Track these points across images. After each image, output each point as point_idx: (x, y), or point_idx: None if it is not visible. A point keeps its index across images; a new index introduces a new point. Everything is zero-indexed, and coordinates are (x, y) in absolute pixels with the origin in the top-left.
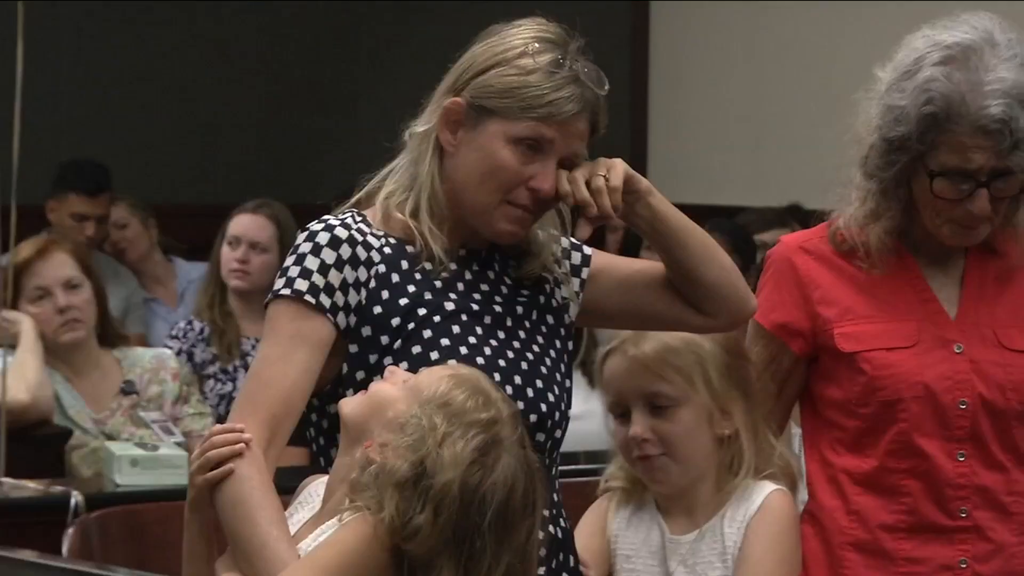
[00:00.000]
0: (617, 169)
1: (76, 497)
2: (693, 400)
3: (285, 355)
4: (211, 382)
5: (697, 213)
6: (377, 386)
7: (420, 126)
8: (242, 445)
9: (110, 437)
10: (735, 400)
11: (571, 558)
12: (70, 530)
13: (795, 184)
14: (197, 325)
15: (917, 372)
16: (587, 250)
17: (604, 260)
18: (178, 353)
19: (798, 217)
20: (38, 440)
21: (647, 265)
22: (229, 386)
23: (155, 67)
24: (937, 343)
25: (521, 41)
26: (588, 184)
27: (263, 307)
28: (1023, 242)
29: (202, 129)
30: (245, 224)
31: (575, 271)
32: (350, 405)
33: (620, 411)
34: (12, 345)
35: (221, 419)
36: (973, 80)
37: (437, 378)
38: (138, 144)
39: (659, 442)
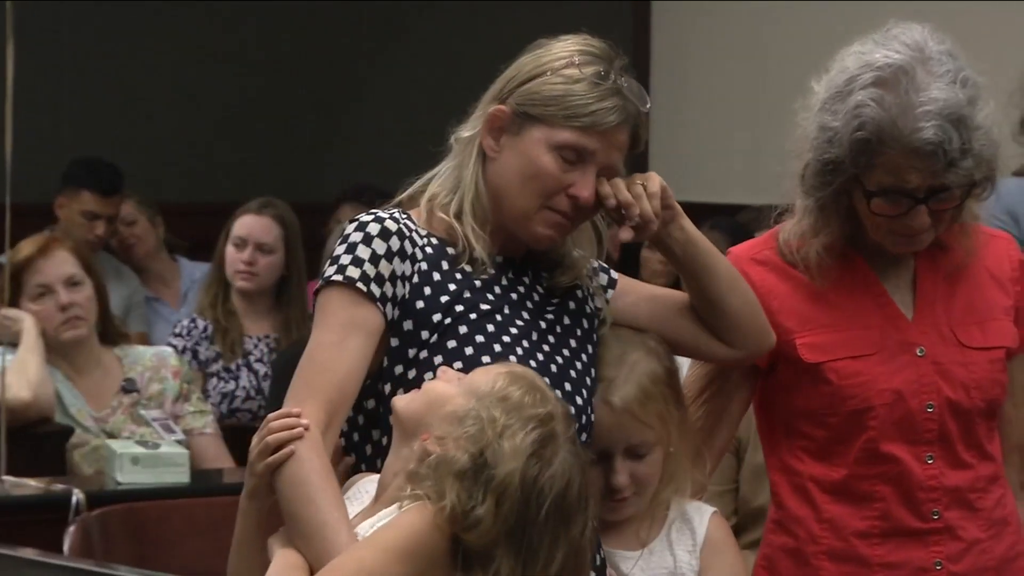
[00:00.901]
0: (653, 179)
1: (77, 495)
2: (663, 438)
3: (340, 341)
4: (214, 380)
5: (698, 211)
6: (432, 384)
7: (465, 131)
8: (301, 429)
9: (111, 435)
10: (680, 420)
11: (596, 556)
12: (71, 528)
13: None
14: (200, 323)
15: (885, 379)
16: (613, 274)
17: (629, 284)
18: (182, 351)
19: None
20: (39, 438)
21: (671, 291)
22: (232, 384)
23: (157, 65)
24: (900, 348)
25: (567, 53)
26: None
27: (266, 306)
28: (970, 237)
29: (204, 128)
30: (251, 225)
31: (603, 290)
32: (404, 401)
33: (596, 456)
34: (13, 343)
35: (223, 417)
36: (904, 103)
37: (494, 375)
38: (139, 142)
39: (633, 483)
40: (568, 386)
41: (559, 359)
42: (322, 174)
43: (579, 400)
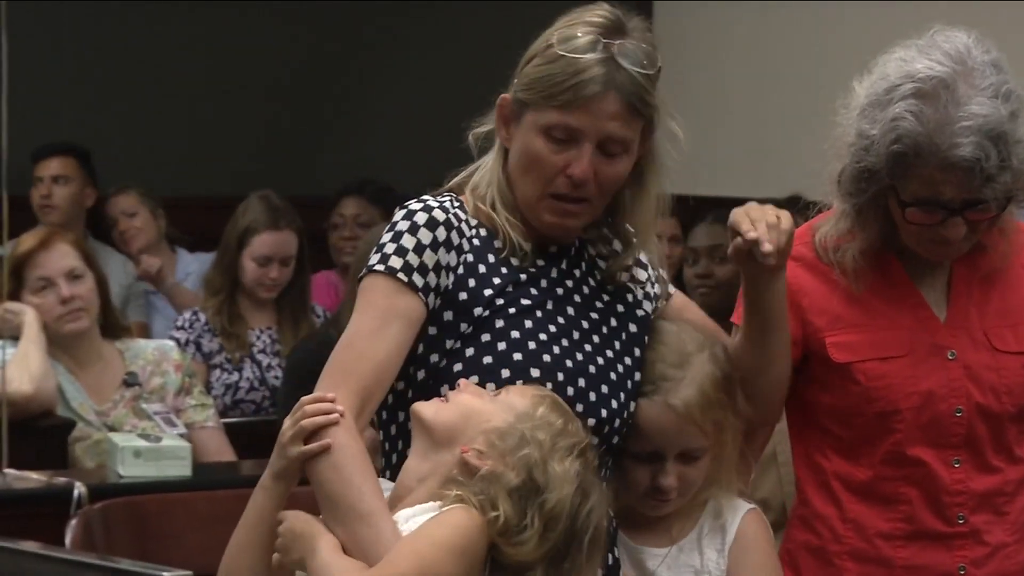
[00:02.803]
0: (787, 217)
1: (79, 488)
2: (715, 444)
3: (379, 329)
4: (217, 372)
5: (701, 204)
6: (463, 397)
7: (483, 128)
8: (337, 415)
9: (113, 429)
10: (735, 427)
11: (609, 556)
12: (73, 521)
13: (796, 176)
14: (202, 316)
15: (913, 382)
16: (671, 288)
17: (686, 303)
18: (185, 343)
19: (798, 208)
20: (41, 431)
21: (721, 331)
22: (235, 376)
23: (158, 60)
24: (931, 351)
25: (554, 30)
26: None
27: (269, 299)
28: (1010, 240)
29: (206, 122)
30: (273, 244)
31: (653, 298)
32: (432, 410)
33: (648, 456)
34: (15, 336)
35: (225, 409)
36: (943, 118)
37: (530, 396)
38: (140, 135)
39: (680, 485)
40: (605, 388)
41: (600, 360)
42: (324, 168)
43: (614, 404)
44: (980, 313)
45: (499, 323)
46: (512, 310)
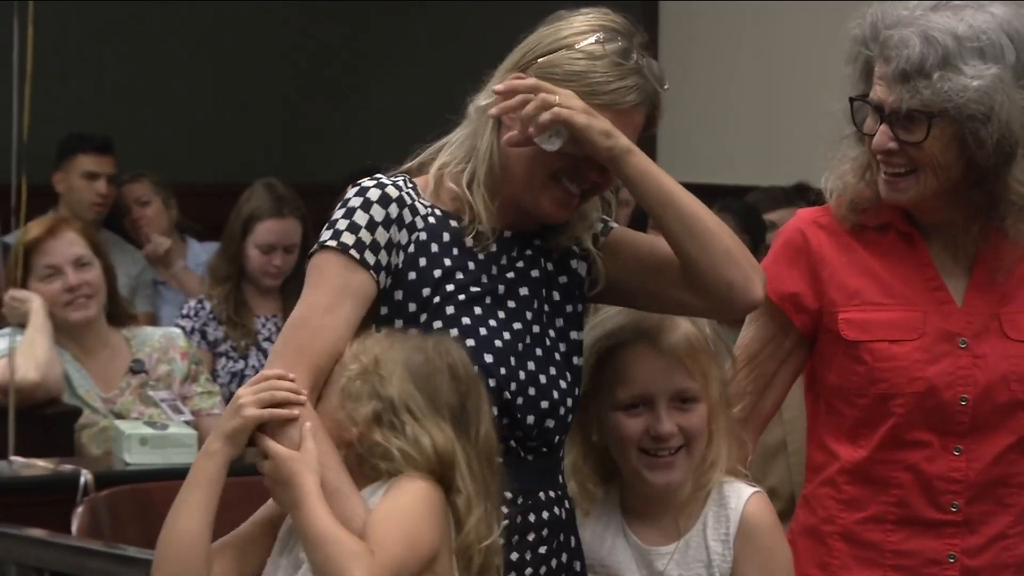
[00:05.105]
0: (572, 103)
1: (85, 476)
2: (705, 393)
3: (333, 306)
4: (223, 360)
5: (708, 192)
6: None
7: (483, 99)
8: (304, 397)
9: (119, 416)
10: (722, 382)
11: (572, 539)
12: (79, 509)
13: (802, 164)
14: (208, 305)
15: (919, 368)
16: (611, 223)
17: (625, 235)
18: (190, 332)
19: (805, 196)
20: (47, 419)
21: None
22: (240, 364)
23: (168, 49)
24: (941, 337)
25: (589, 28)
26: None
27: (274, 286)
28: None
29: (215, 109)
30: (277, 231)
31: (594, 240)
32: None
33: (636, 404)
34: (22, 324)
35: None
36: (905, 18)
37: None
38: (151, 123)
39: (680, 436)
40: (553, 370)
41: (547, 340)
42: (331, 156)
43: (563, 384)
44: (998, 299)
45: (449, 310)
46: (462, 296)
